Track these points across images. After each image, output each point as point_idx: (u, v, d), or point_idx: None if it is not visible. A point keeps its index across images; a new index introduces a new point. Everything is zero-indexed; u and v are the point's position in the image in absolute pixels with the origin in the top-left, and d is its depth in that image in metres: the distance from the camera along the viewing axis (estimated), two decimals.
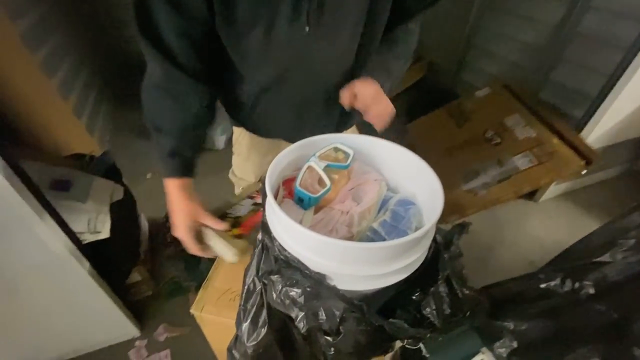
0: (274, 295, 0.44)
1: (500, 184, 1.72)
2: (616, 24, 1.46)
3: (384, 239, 0.55)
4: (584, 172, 1.54)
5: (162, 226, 1.57)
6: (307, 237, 0.44)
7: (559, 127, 1.69)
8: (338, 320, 0.40)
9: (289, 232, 0.48)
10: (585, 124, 1.62)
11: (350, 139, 0.65)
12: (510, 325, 0.61)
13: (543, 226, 1.83)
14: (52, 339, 1.21)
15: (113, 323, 1.25)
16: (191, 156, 0.69)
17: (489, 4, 2.12)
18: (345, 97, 0.68)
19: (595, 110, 1.57)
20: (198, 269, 1.45)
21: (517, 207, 1.93)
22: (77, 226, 1.05)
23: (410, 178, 0.61)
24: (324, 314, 0.40)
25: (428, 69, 2.58)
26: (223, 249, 0.66)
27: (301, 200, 0.57)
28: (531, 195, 1.96)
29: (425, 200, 0.57)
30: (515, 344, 0.60)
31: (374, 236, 0.56)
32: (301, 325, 0.40)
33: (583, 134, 1.63)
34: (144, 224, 1.56)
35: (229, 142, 1.01)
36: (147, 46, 0.58)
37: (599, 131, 1.61)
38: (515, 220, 1.87)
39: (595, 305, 0.49)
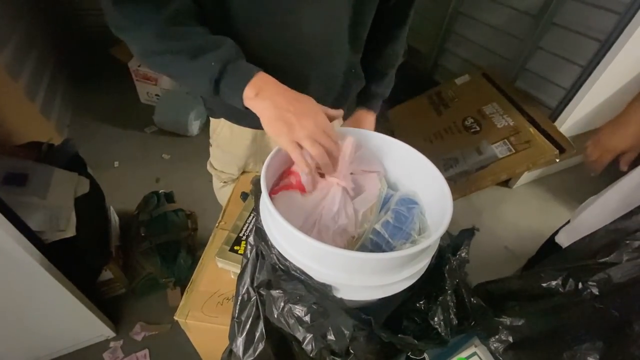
0: (275, 313, 0.40)
1: (479, 172, 1.75)
2: (593, 15, 1.49)
3: (388, 241, 0.52)
4: (557, 160, 1.60)
5: (134, 219, 1.47)
6: (311, 246, 0.40)
7: (534, 116, 1.73)
8: (348, 340, 0.37)
9: (290, 240, 0.44)
10: (560, 113, 1.67)
11: (349, 132, 0.60)
12: (507, 321, 0.61)
13: (517, 212, 1.90)
14: (17, 342, 1.11)
15: (84, 324, 1.17)
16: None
17: None
18: None
19: (569, 101, 1.62)
20: (175, 263, 1.38)
21: (492, 194, 1.99)
22: (36, 225, 0.94)
23: (412, 176, 0.58)
24: (332, 335, 0.37)
25: (408, 54, 2.55)
26: None
27: None
28: (506, 182, 2.02)
29: (429, 202, 0.55)
30: (511, 339, 0.60)
31: (377, 238, 0.53)
32: (309, 349, 0.37)
33: (557, 122, 1.69)
34: (114, 218, 1.45)
35: (204, 127, 0.92)
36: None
37: (571, 120, 1.66)
38: (490, 206, 1.93)
39: (597, 304, 0.50)
